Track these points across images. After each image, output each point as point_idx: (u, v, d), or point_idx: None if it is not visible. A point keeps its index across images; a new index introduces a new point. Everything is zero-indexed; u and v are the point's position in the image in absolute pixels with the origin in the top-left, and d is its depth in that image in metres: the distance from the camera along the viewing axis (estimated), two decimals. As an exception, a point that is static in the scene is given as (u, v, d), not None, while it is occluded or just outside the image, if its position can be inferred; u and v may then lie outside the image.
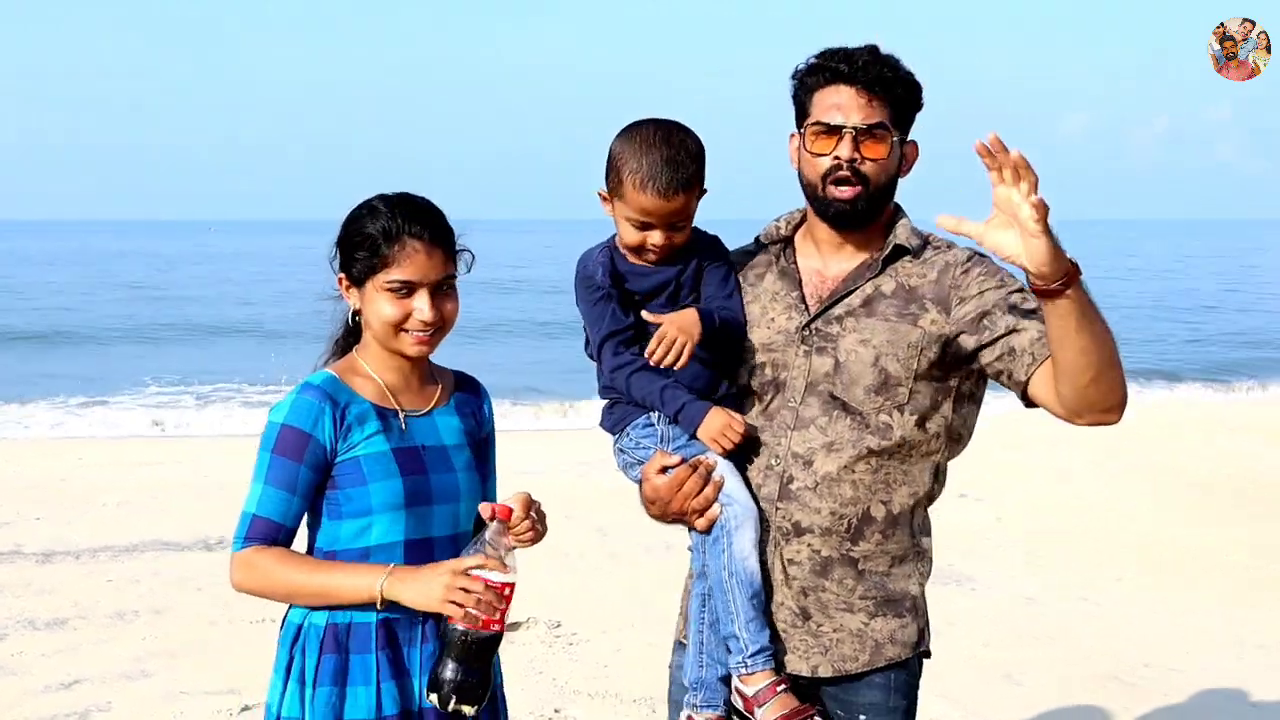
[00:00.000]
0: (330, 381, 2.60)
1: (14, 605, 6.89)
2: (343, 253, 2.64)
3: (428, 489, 2.61)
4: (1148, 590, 7.60)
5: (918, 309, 2.67)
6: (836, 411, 2.67)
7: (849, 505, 2.67)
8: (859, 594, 2.69)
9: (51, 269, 54.93)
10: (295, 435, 2.53)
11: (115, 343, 25.75)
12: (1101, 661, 6.30)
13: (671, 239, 2.67)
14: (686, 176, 2.62)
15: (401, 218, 2.57)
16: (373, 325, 2.62)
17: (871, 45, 2.67)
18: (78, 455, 11.99)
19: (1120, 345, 2.54)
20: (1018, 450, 12.02)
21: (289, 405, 2.56)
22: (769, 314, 2.76)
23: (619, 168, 2.64)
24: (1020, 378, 2.61)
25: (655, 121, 2.68)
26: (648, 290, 2.73)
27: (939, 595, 7.22)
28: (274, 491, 2.52)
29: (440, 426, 2.70)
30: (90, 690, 5.67)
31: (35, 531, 8.54)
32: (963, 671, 6.08)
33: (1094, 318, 2.40)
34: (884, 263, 2.72)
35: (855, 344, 2.67)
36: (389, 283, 2.56)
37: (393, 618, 2.55)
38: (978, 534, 8.68)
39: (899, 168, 2.72)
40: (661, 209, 2.62)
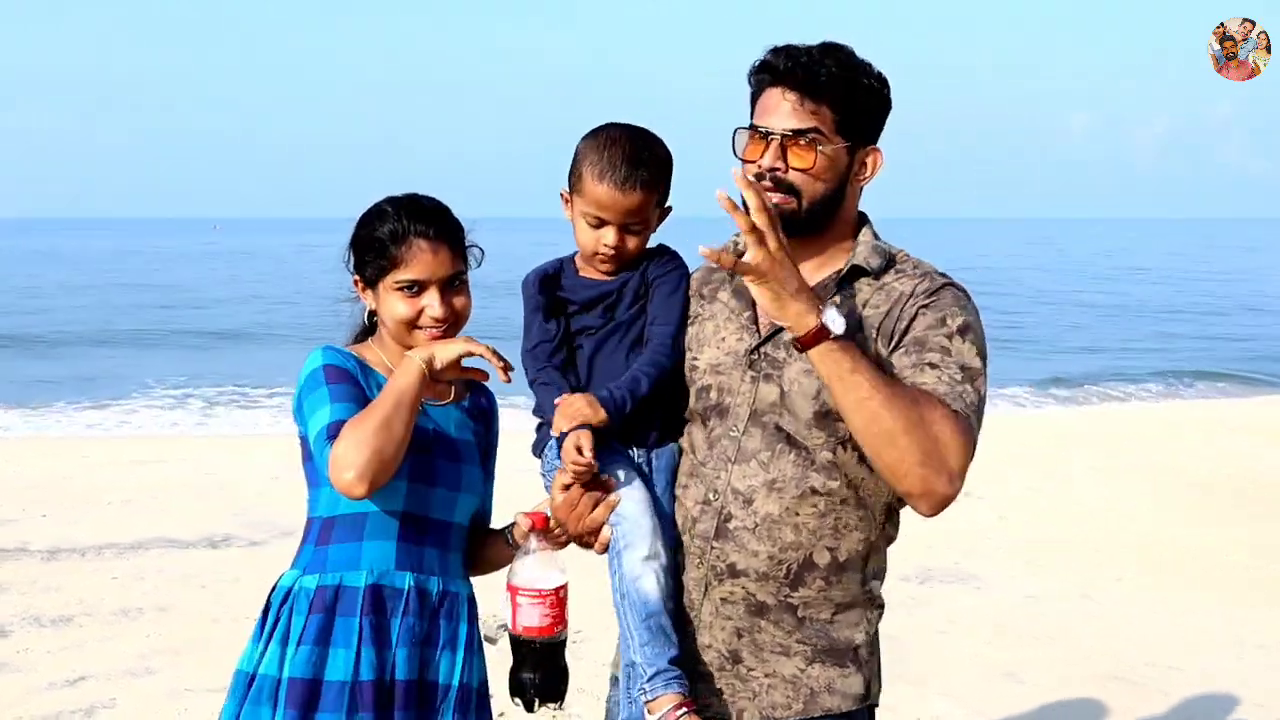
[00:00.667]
0: (348, 354, 2.67)
1: (19, 602, 6.92)
2: (355, 255, 2.70)
3: (431, 469, 2.63)
4: (1149, 590, 7.61)
5: (863, 340, 2.41)
6: (781, 445, 2.45)
7: (790, 550, 2.44)
8: (796, 639, 2.47)
9: (59, 268, 54.97)
10: (339, 370, 2.59)
11: (120, 344, 25.75)
12: (1103, 660, 6.31)
13: (624, 243, 2.57)
14: (647, 177, 2.55)
15: (406, 218, 2.62)
16: (387, 324, 2.67)
17: (824, 43, 2.47)
18: (83, 454, 12.02)
19: (1127, 346, 2.45)
20: (1021, 450, 12.04)
21: (321, 352, 2.63)
22: (720, 333, 2.57)
23: (580, 162, 2.58)
24: None
25: (625, 124, 2.63)
26: (583, 302, 2.63)
27: (942, 594, 7.29)
28: (343, 405, 2.52)
29: (453, 419, 2.74)
30: (95, 687, 5.70)
31: (41, 529, 8.56)
32: (965, 670, 6.10)
33: (854, 385, 2.22)
34: (840, 284, 2.48)
35: (799, 373, 2.44)
36: (398, 282, 2.61)
37: (382, 585, 2.57)
38: (980, 533, 8.70)
39: (848, 175, 2.48)
40: (616, 203, 2.54)
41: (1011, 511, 9.45)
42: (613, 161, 2.54)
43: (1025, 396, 19.22)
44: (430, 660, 2.61)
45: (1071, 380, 21.42)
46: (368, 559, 2.58)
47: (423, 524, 2.63)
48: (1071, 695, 5.86)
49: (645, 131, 2.63)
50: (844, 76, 2.42)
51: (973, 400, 2.34)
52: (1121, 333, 30.40)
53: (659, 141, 2.62)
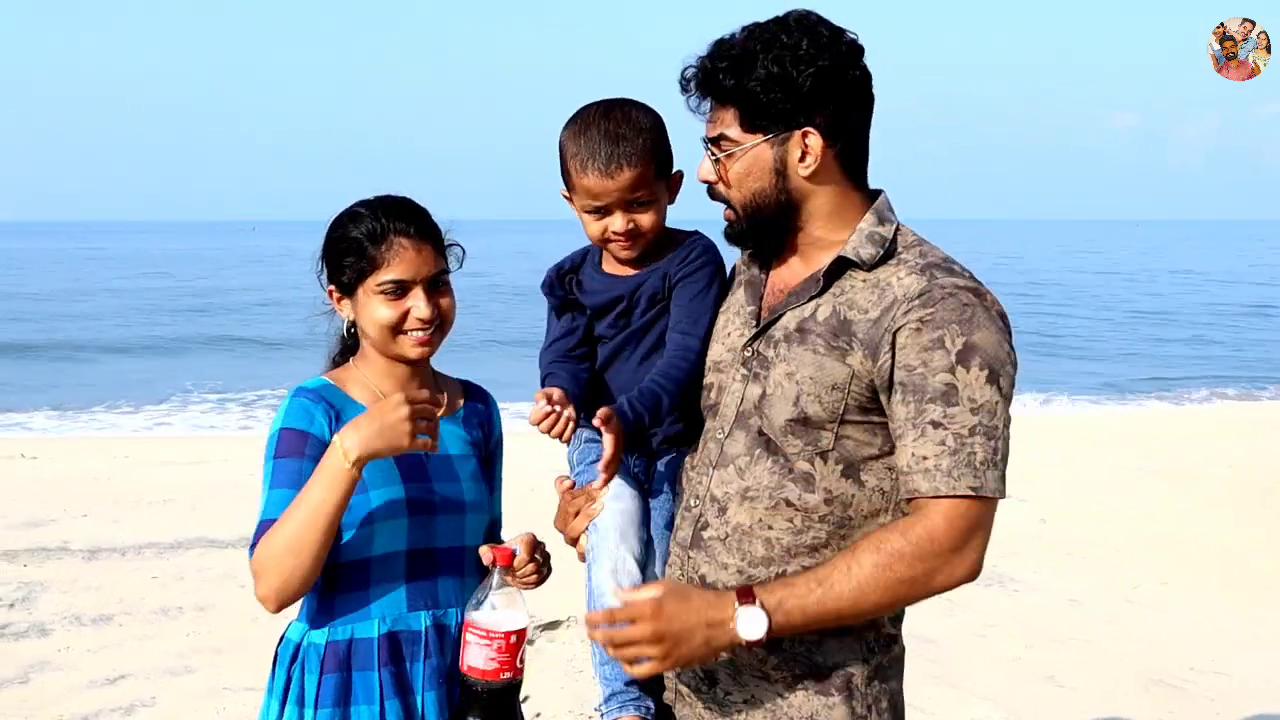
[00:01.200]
0: (324, 386, 2.53)
1: (61, 601, 6.98)
2: (329, 263, 2.55)
3: (431, 498, 2.50)
4: (1193, 593, 7.52)
5: (846, 344, 2.21)
6: (759, 451, 2.27)
7: (760, 565, 2.25)
8: (772, 664, 2.27)
9: (103, 271, 55.57)
10: (293, 435, 2.44)
11: (159, 348, 25.98)
12: (1145, 664, 6.23)
13: (635, 223, 2.41)
14: (630, 150, 2.36)
15: (385, 217, 2.49)
16: (370, 332, 2.52)
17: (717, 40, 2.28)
18: (123, 454, 12.13)
19: (1168, 350, 2.31)
20: (1062, 452, 11.95)
21: (284, 410, 2.49)
22: (727, 328, 2.42)
23: (564, 157, 2.43)
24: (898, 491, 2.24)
25: (598, 101, 2.46)
26: (598, 307, 2.50)
27: (981, 597, 7.23)
28: (280, 492, 2.41)
29: (445, 436, 2.58)
30: (135, 685, 5.74)
31: (82, 529, 8.63)
32: (1005, 673, 6.04)
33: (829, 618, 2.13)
34: (828, 277, 2.27)
35: (782, 375, 2.26)
36: (381, 284, 2.47)
37: (397, 631, 2.46)
38: (1021, 535, 8.62)
39: (785, 168, 2.26)
40: (607, 188, 2.38)
41: (1052, 514, 9.36)
42: (591, 147, 2.38)
43: (1067, 399, 19.09)
44: None
45: (1114, 382, 21.28)
46: (378, 607, 2.46)
47: (431, 557, 2.51)
48: (1113, 699, 5.79)
49: (622, 102, 2.44)
50: (736, 70, 2.22)
51: (984, 458, 2.12)
52: (1163, 334, 30.14)
53: (638, 108, 2.43)
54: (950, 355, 2.12)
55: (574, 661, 5.98)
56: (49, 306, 35.08)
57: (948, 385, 2.12)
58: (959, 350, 2.12)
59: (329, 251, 2.55)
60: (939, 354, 2.13)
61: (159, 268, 57.44)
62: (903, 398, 2.15)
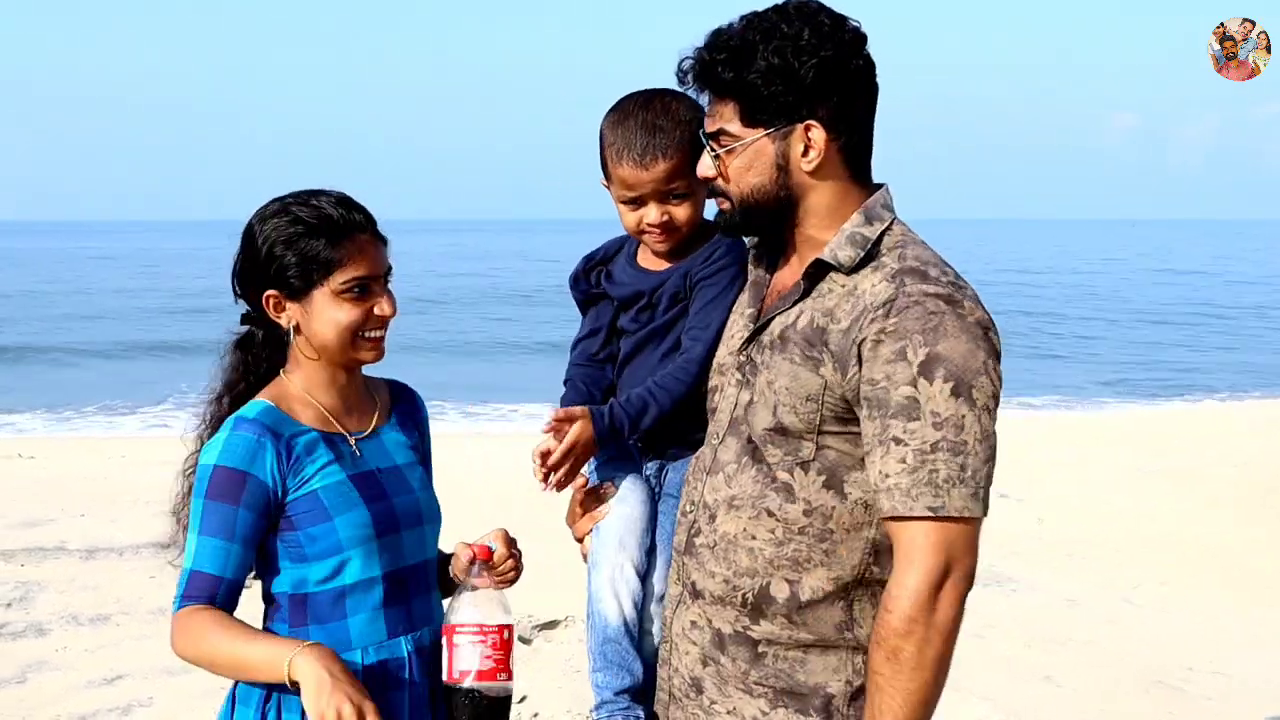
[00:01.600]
0: (267, 412, 2.32)
1: (58, 601, 6.97)
2: (270, 268, 2.33)
3: (393, 515, 2.37)
4: (1192, 593, 7.52)
5: (819, 354, 2.14)
6: (746, 459, 2.22)
7: (744, 576, 2.20)
8: (754, 678, 2.22)
9: (101, 271, 55.56)
10: (230, 475, 2.25)
11: (156, 348, 25.96)
12: (1144, 665, 6.23)
13: (672, 215, 2.38)
14: (667, 142, 2.34)
15: (339, 211, 2.33)
16: (327, 337, 2.33)
17: (714, 31, 2.21)
18: (121, 453, 12.12)
19: (1161, 351, 2.29)
20: (1059, 451, 11.95)
21: (221, 444, 2.28)
22: (731, 330, 2.36)
23: (603, 147, 2.41)
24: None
25: (639, 91, 2.43)
26: (621, 300, 2.48)
27: (979, 597, 7.18)
28: (210, 541, 2.24)
29: (389, 445, 2.47)
30: (133, 685, 5.73)
31: (79, 528, 8.61)
32: (1003, 673, 6.05)
33: None
34: (809, 280, 2.21)
35: (764, 384, 2.21)
36: (345, 283, 2.31)
37: (382, 659, 2.33)
38: (1018, 535, 8.61)
39: (787, 163, 2.19)
40: (641, 179, 2.35)
41: (1049, 513, 9.36)
42: (628, 137, 2.36)
43: (1066, 399, 19.09)
44: None
45: (1112, 382, 21.28)
46: (358, 638, 2.32)
47: (403, 577, 2.38)
48: (1112, 700, 5.79)
49: (662, 93, 2.41)
50: (735, 63, 2.15)
51: (947, 475, 2.01)
52: (1160, 333, 30.15)
53: (680, 100, 2.38)
54: (912, 368, 2.03)
55: (572, 661, 5.97)
56: (44, 306, 35.05)
57: (909, 399, 2.03)
58: (921, 362, 2.03)
59: (268, 255, 2.32)
60: (901, 366, 2.04)
61: (157, 267, 57.40)
62: (869, 413, 2.08)
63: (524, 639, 6.25)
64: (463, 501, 2.31)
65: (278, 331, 2.39)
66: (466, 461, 10.47)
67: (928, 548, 2.02)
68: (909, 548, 2.04)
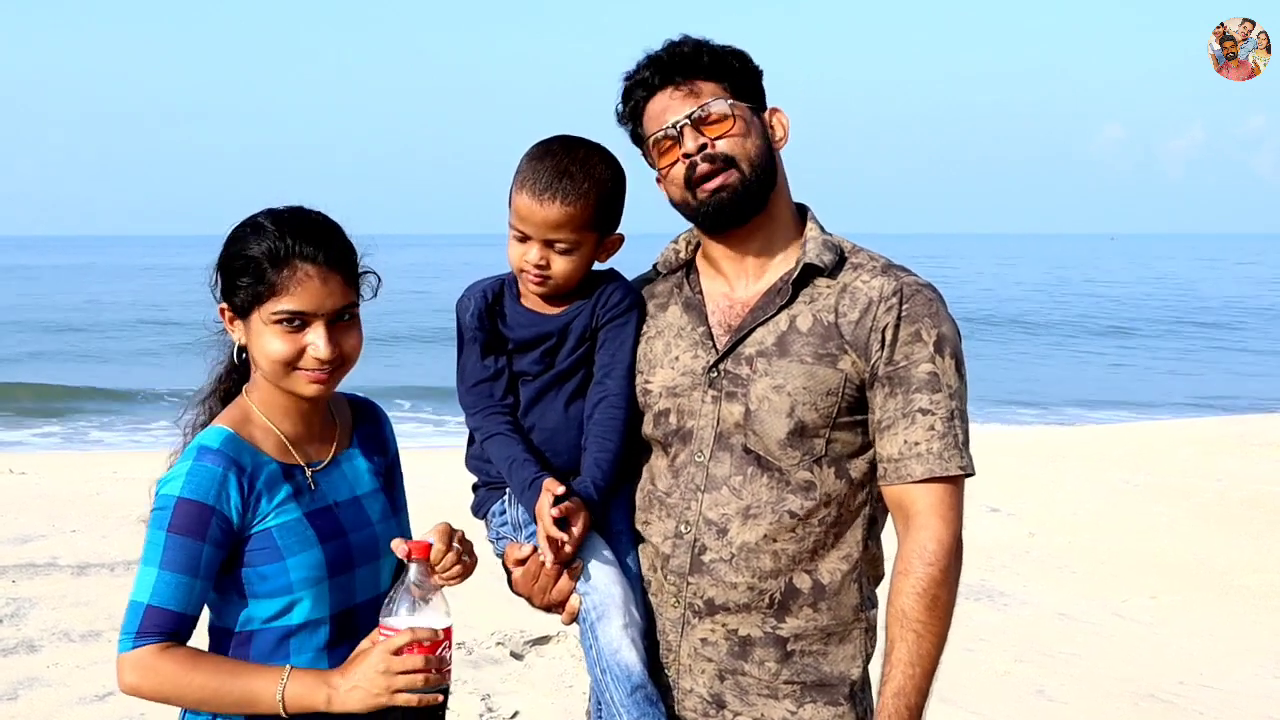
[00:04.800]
0: (230, 441, 2.22)
1: (49, 617, 6.95)
2: (224, 278, 2.26)
3: (348, 553, 2.28)
4: (1182, 607, 7.54)
5: (836, 349, 2.30)
6: (752, 469, 2.31)
7: (769, 578, 2.30)
8: (784, 678, 2.32)
9: (96, 283, 55.45)
10: (194, 509, 2.15)
11: (149, 362, 25.93)
12: (1135, 678, 6.25)
13: (549, 261, 2.34)
14: (570, 190, 2.31)
15: (290, 237, 2.20)
16: (261, 364, 2.26)
17: (670, 40, 2.39)
18: (112, 469, 12.09)
19: (1148, 364, 2.42)
20: (1050, 466, 11.97)
21: (184, 475, 2.17)
22: (672, 351, 2.40)
23: (515, 174, 2.38)
24: (880, 479, 2.34)
25: (568, 136, 2.42)
26: (521, 341, 2.40)
27: (970, 610, 7.23)
28: (173, 577, 2.14)
29: (349, 474, 2.38)
30: (123, 702, 5.70)
31: (70, 544, 8.60)
32: (994, 687, 6.06)
33: (925, 687, 2.31)
34: (795, 285, 2.34)
35: (768, 390, 2.29)
36: (276, 314, 2.19)
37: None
38: (1009, 549, 8.63)
39: (767, 140, 2.37)
40: (534, 214, 2.31)
41: (1040, 528, 9.37)
42: (537, 172, 2.33)
43: (1054, 413, 19.12)
44: None
45: (1101, 397, 21.32)
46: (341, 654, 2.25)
47: (352, 616, 2.29)
48: (1103, 714, 5.80)
49: (590, 145, 2.39)
50: (714, 51, 2.38)
51: (963, 438, 2.29)
52: (1157, 348, 30.22)
53: (604, 160, 2.38)
54: (928, 346, 2.28)
55: (564, 676, 5.97)
56: (42, 318, 34.99)
57: (930, 374, 2.27)
58: (934, 341, 2.29)
59: (225, 265, 2.26)
60: (919, 346, 2.28)
61: (155, 281, 57.29)
62: (890, 390, 2.28)
63: (516, 654, 6.25)
64: (443, 515, 2.27)
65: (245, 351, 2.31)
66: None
67: (953, 504, 2.28)
68: (938, 505, 2.26)
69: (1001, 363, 25.46)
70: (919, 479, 2.25)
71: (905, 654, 2.23)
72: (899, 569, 2.27)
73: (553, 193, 2.31)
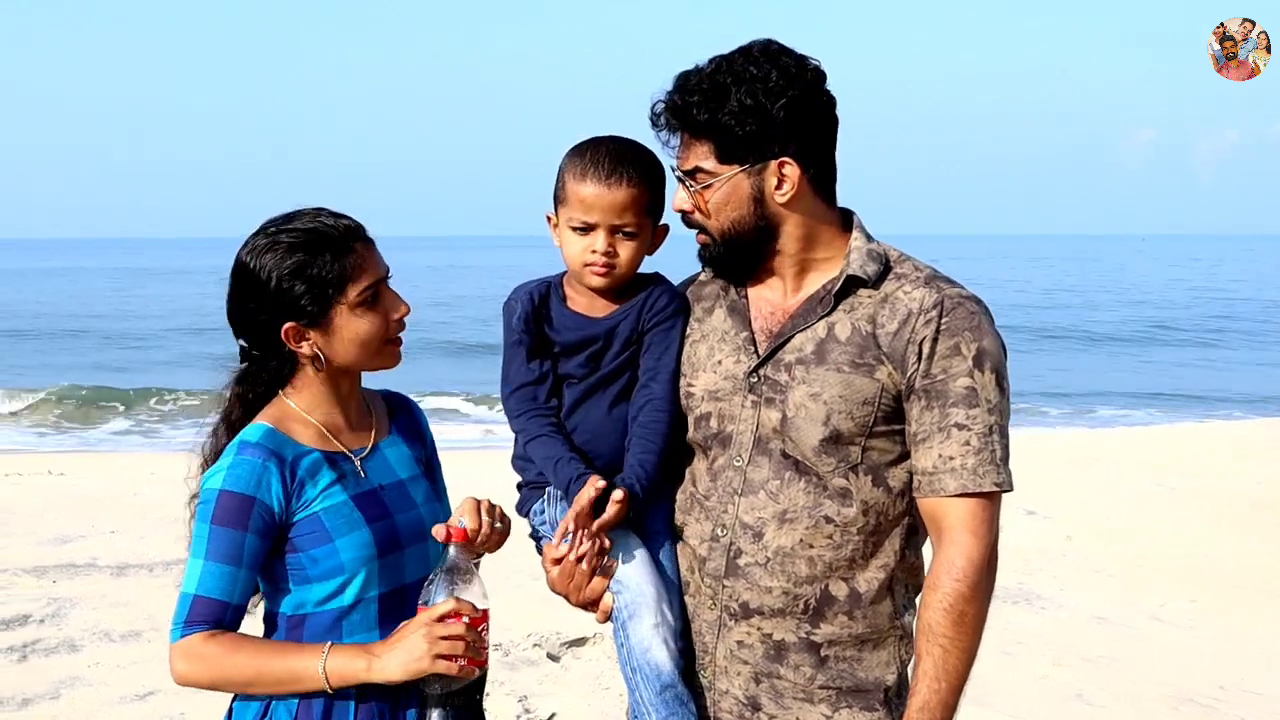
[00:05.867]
0: (269, 435, 2.29)
1: (90, 617, 7.02)
2: (280, 301, 2.29)
3: (395, 534, 2.34)
4: (1221, 611, 7.47)
5: (873, 359, 2.30)
6: (789, 474, 2.33)
7: (805, 584, 2.31)
8: (819, 683, 2.33)
9: (146, 284, 55.92)
10: (237, 501, 2.23)
11: (188, 362, 26.13)
12: (1174, 682, 6.20)
13: (616, 249, 2.37)
14: (633, 173, 2.36)
15: (332, 222, 2.30)
16: (349, 354, 2.33)
17: (700, 69, 2.32)
18: (150, 470, 12.19)
19: (1188, 364, 2.39)
20: (1087, 468, 11.90)
21: (226, 468, 2.25)
22: (715, 356, 2.42)
23: (563, 172, 2.41)
24: (915, 491, 2.33)
25: (609, 134, 2.45)
26: (568, 345, 2.42)
27: (1006, 614, 7.20)
28: (217, 567, 2.22)
29: (392, 460, 2.45)
30: (164, 701, 5.77)
31: (109, 545, 8.69)
32: (1031, 691, 6.02)
33: (952, 700, 2.29)
34: (837, 296, 2.34)
35: (805, 397, 2.30)
36: (360, 295, 2.30)
37: (374, 681, 2.26)
38: (1045, 552, 8.58)
39: (763, 196, 2.32)
40: (602, 199, 2.34)
41: (1078, 531, 9.32)
42: (596, 159, 2.37)
43: (1094, 416, 19.01)
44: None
45: (1141, 400, 21.17)
46: None
47: (402, 594, 2.34)
48: (1142, 717, 5.76)
49: (632, 140, 2.44)
50: (709, 105, 2.28)
51: (1001, 455, 2.26)
52: (1188, 350, 29.98)
53: (646, 150, 2.43)
54: (968, 360, 2.26)
55: (600, 679, 5.98)
56: (87, 323, 35.33)
57: (968, 389, 2.25)
58: (974, 355, 2.26)
59: (279, 288, 2.28)
60: (958, 360, 2.26)
61: (199, 286, 57.76)
62: (927, 403, 2.27)
63: (552, 656, 6.26)
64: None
65: (290, 360, 2.34)
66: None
67: (987, 520, 2.26)
68: (971, 521, 2.25)
69: (1030, 359, 25.33)
70: (952, 493, 2.25)
71: (931, 668, 2.23)
72: (928, 583, 2.27)
73: (619, 176, 2.35)
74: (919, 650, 2.25)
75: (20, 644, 6.51)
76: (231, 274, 2.35)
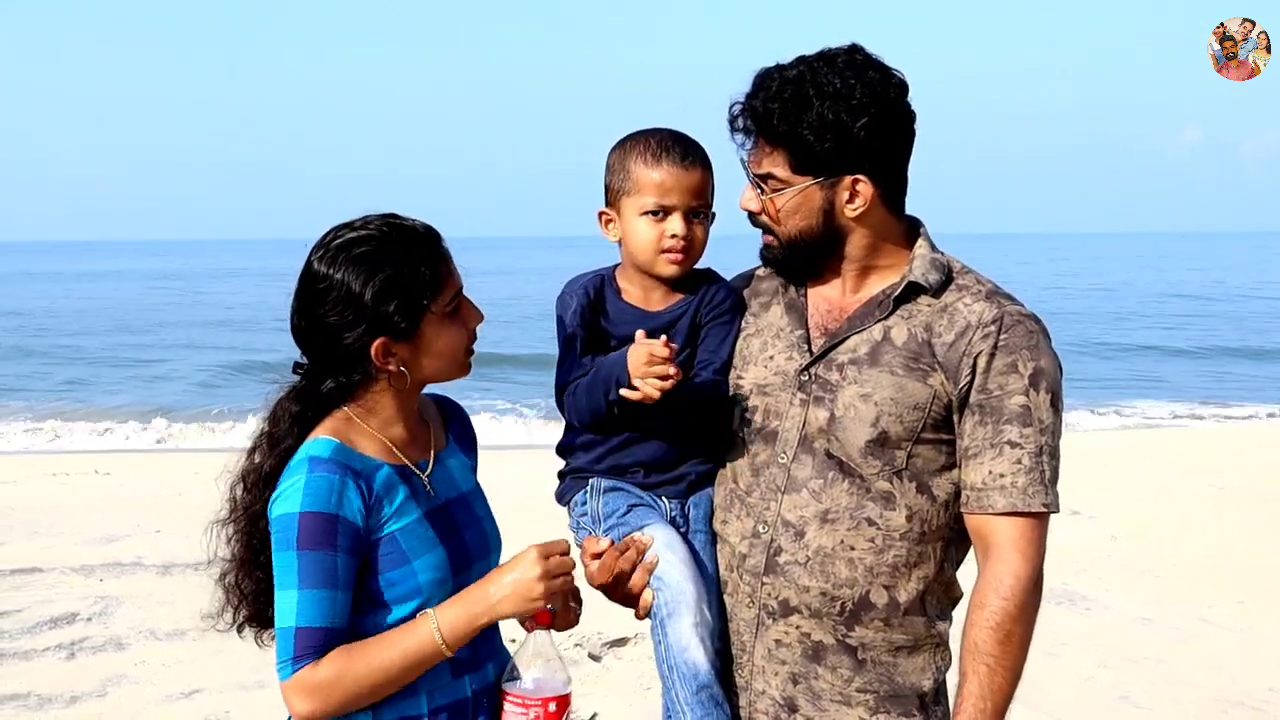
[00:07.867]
0: (339, 449, 2.17)
1: (136, 616, 7.09)
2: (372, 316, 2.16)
3: (465, 551, 2.27)
4: (1269, 613, 7.36)
5: (928, 366, 2.28)
6: (833, 473, 2.30)
7: (844, 587, 2.29)
8: (856, 685, 2.32)
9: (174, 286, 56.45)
10: (320, 521, 2.10)
11: (229, 364, 26.33)
12: (1224, 684, 6.12)
13: (693, 233, 2.37)
14: (703, 156, 2.38)
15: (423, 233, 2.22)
16: (436, 365, 2.25)
17: (764, 75, 2.30)
18: (193, 469, 12.29)
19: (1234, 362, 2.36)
20: (1132, 469, 11.79)
21: (301, 489, 2.11)
22: (768, 350, 2.41)
23: (623, 162, 2.39)
24: (963, 506, 2.31)
25: (659, 127, 2.44)
26: (624, 338, 2.36)
27: (1052, 615, 7.13)
28: (313, 594, 2.09)
29: (454, 472, 2.37)
30: (209, 699, 5.82)
31: (155, 544, 8.76)
32: (1079, 692, 5.97)
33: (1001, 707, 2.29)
34: (896, 301, 2.33)
35: (855, 398, 2.29)
36: (448, 303, 2.21)
37: (444, 705, 2.22)
38: (1091, 553, 8.50)
39: (833, 209, 2.30)
40: (680, 181, 2.34)
41: (1123, 531, 9.22)
42: (665, 143, 2.36)
43: (1142, 413, 18.86)
44: None
45: (1188, 398, 20.97)
46: (423, 682, 2.19)
47: None
48: (1190, 720, 5.70)
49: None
50: (790, 116, 2.24)
51: (1051, 476, 2.25)
52: (1238, 349, 29.65)
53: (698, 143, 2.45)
54: (1024, 379, 2.24)
55: (642, 679, 5.97)
56: (118, 320, 35.70)
57: (1023, 407, 2.23)
58: (1030, 374, 2.24)
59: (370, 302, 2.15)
60: (1014, 378, 2.24)
61: (249, 285, 58.24)
62: (980, 419, 2.25)
63: (594, 656, 6.26)
64: (533, 511, 2.27)
65: (364, 375, 2.22)
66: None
67: (1036, 540, 2.24)
68: (1018, 540, 2.23)
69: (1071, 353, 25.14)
70: (1000, 511, 2.23)
71: (977, 688, 2.22)
72: (975, 601, 2.25)
73: (693, 158, 2.37)
74: (964, 669, 2.23)
75: (68, 642, 6.60)
76: (303, 285, 2.21)
